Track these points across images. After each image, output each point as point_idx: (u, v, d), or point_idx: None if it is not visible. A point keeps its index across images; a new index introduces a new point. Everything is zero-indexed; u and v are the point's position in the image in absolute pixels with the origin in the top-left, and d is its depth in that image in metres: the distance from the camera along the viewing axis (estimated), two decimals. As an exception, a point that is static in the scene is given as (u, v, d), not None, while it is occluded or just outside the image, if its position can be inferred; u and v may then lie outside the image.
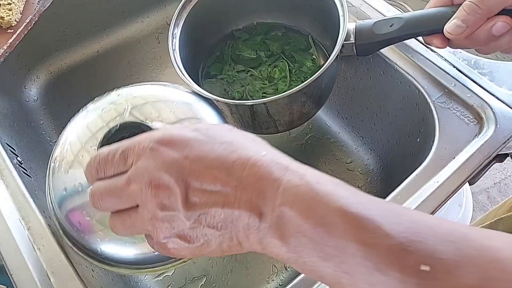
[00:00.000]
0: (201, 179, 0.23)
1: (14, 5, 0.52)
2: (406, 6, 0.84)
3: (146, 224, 0.25)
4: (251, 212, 0.23)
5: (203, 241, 0.24)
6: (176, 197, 0.23)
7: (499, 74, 0.49)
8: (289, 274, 0.57)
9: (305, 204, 0.22)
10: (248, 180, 0.23)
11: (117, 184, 0.25)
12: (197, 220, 0.24)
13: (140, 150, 0.24)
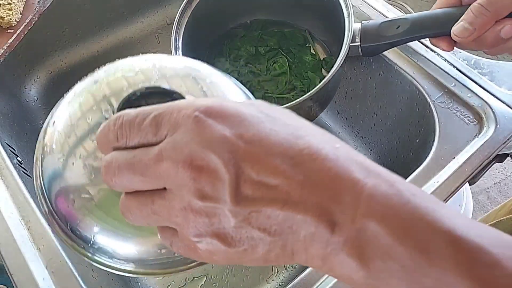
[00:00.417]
0: (258, 167, 0.18)
1: (14, 5, 0.52)
2: (406, 6, 0.84)
3: (174, 215, 0.19)
4: (320, 219, 0.18)
5: (247, 246, 0.19)
6: (223, 186, 0.18)
7: (499, 74, 0.49)
8: (289, 274, 0.57)
9: (400, 220, 0.17)
10: (319, 176, 0.18)
11: (143, 158, 0.19)
12: (246, 219, 0.18)
13: (180, 119, 0.18)
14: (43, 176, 0.28)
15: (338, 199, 0.18)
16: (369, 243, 0.17)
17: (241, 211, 0.18)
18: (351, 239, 0.18)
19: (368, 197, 0.18)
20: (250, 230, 0.19)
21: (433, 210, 0.18)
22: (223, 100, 0.20)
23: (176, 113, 0.19)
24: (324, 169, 0.18)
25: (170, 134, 0.19)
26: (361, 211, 0.17)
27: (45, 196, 0.28)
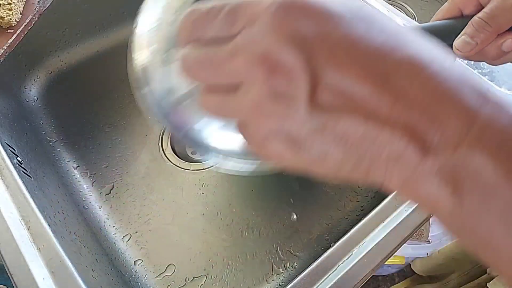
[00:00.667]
0: (343, 72, 0.16)
1: (14, 5, 0.52)
2: (406, 6, 0.84)
3: (244, 112, 0.18)
4: (412, 140, 0.16)
5: (317, 156, 0.17)
6: (299, 86, 0.16)
7: (499, 74, 0.49)
8: (289, 274, 0.57)
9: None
10: (419, 94, 0.15)
11: (217, 54, 0.18)
12: (320, 127, 0.16)
13: (259, 11, 0.17)
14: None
15: (441, 122, 0.15)
16: (470, 176, 0.15)
17: (316, 118, 0.16)
18: (449, 167, 0.16)
19: (481, 126, 0.15)
20: (323, 139, 0.17)
21: None
22: None
23: (255, 5, 0.17)
24: (426, 89, 0.15)
25: (246, 28, 0.17)
26: (470, 140, 0.15)
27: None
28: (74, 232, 0.49)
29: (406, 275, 1.14)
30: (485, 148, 0.15)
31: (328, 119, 0.16)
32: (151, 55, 0.28)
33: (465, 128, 0.15)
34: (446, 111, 0.15)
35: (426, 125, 0.16)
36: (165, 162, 0.65)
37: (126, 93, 0.71)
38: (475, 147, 0.15)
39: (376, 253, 0.40)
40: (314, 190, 0.63)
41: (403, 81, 0.15)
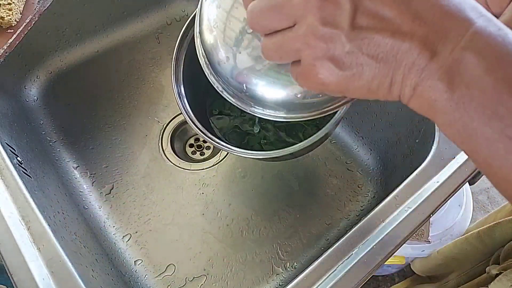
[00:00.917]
0: (375, 0, 0.20)
1: (14, 5, 0.52)
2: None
3: (299, 42, 0.22)
4: (423, 48, 0.20)
5: (355, 71, 0.22)
6: (343, 13, 0.20)
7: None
8: (289, 274, 0.57)
9: (497, 56, 0.19)
10: (431, 13, 0.20)
11: (278, 0, 0.22)
12: (358, 45, 0.21)
13: None
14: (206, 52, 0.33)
15: (444, 32, 0.20)
16: (460, 71, 0.20)
17: (355, 38, 0.21)
18: (446, 66, 0.20)
19: (472, 33, 0.19)
20: (361, 56, 0.21)
21: None
22: None
23: None
24: (437, 7, 0.20)
25: None
26: (462, 44, 0.19)
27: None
28: (74, 232, 0.49)
29: (406, 275, 1.14)
30: (473, 49, 0.19)
31: (365, 37, 0.21)
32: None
33: (461, 34, 0.20)
34: (449, 24, 0.20)
35: (433, 36, 0.20)
36: (165, 162, 0.65)
37: (126, 93, 0.71)
38: (466, 48, 0.19)
39: (376, 253, 0.40)
40: (314, 190, 0.63)
41: (419, 5, 0.20)
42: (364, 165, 0.65)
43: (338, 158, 0.66)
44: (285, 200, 0.62)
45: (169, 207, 0.61)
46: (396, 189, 0.44)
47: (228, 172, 0.65)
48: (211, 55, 0.33)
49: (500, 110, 0.19)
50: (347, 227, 0.61)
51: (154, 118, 0.69)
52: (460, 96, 0.20)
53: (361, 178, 0.64)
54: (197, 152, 0.68)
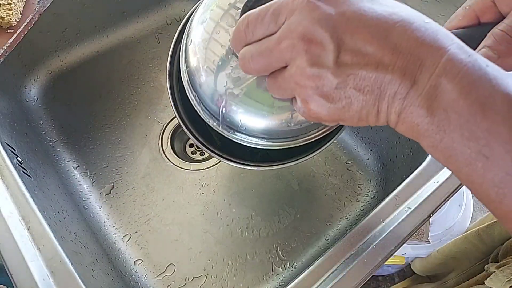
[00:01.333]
0: (356, 37, 0.22)
1: (14, 5, 0.52)
2: (406, 6, 0.84)
3: (291, 82, 0.24)
4: (403, 78, 0.22)
5: (345, 103, 0.24)
6: (328, 54, 0.22)
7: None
8: (289, 274, 0.57)
9: (468, 80, 0.21)
10: (408, 45, 0.22)
11: (269, 44, 0.24)
12: (345, 81, 0.23)
13: (294, 5, 0.23)
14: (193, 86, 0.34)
15: (421, 62, 0.22)
16: (438, 97, 0.21)
17: (342, 74, 0.23)
18: (425, 93, 0.21)
19: (446, 61, 0.21)
20: (348, 90, 0.23)
21: (501, 77, 0.21)
22: None
23: (290, 3, 0.23)
24: (413, 38, 0.22)
25: (288, 17, 0.23)
26: (437, 72, 0.21)
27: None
28: (74, 232, 0.49)
29: (406, 275, 1.14)
30: (448, 76, 0.21)
31: (350, 73, 0.22)
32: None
33: (436, 63, 0.21)
34: (425, 53, 0.21)
35: (412, 66, 0.22)
36: (165, 162, 0.65)
37: (126, 93, 0.71)
38: (441, 75, 0.21)
39: (376, 253, 0.40)
40: (314, 190, 0.63)
41: (396, 38, 0.22)
42: (364, 165, 0.65)
43: (338, 158, 0.66)
44: (285, 200, 0.62)
45: (169, 207, 0.61)
46: (396, 189, 0.44)
47: (228, 172, 0.65)
48: (193, 76, 0.34)
49: (476, 131, 0.21)
50: (347, 227, 0.61)
51: (154, 118, 0.69)
52: (440, 120, 0.21)
53: (361, 178, 0.64)
54: (197, 152, 0.68)
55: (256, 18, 0.25)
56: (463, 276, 0.83)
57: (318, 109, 0.25)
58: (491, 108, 0.20)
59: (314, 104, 0.24)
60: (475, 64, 0.21)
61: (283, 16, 0.24)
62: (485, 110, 0.20)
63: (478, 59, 0.21)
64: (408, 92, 0.22)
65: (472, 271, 0.80)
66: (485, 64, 0.21)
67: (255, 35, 0.25)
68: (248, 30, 0.25)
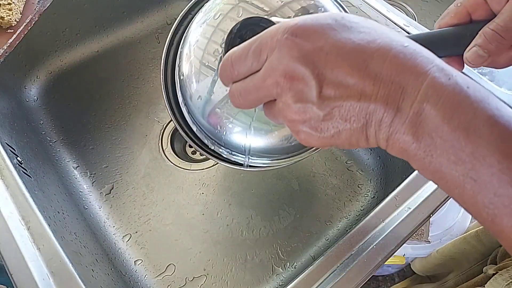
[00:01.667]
0: (337, 71, 0.22)
1: (14, 5, 0.52)
2: (406, 6, 0.84)
3: (280, 116, 0.26)
4: (387, 107, 0.22)
5: (333, 132, 0.24)
6: (311, 89, 0.23)
7: (499, 74, 0.49)
8: (289, 274, 0.57)
9: (450, 105, 0.21)
10: (388, 73, 0.22)
11: (254, 82, 0.25)
12: (331, 113, 0.23)
13: (273, 44, 0.24)
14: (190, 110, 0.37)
15: (403, 90, 0.22)
16: (422, 123, 0.21)
17: (327, 107, 0.23)
18: (409, 120, 0.22)
19: (427, 86, 0.21)
20: (335, 121, 0.24)
21: (482, 99, 0.21)
22: (306, 18, 0.24)
23: (270, 41, 0.24)
24: (392, 66, 0.22)
25: (269, 55, 0.24)
26: (419, 98, 0.21)
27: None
28: (74, 232, 0.49)
29: (406, 275, 1.14)
30: (429, 102, 0.21)
31: (335, 106, 0.23)
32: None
33: (417, 89, 0.21)
34: (405, 80, 0.22)
35: (394, 94, 0.22)
36: (165, 162, 0.65)
37: (126, 93, 0.71)
38: (423, 102, 0.21)
39: (376, 253, 0.40)
40: (314, 190, 0.63)
41: (376, 67, 0.22)
42: (364, 165, 0.65)
43: (338, 158, 0.66)
44: (285, 200, 0.62)
45: (169, 207, 0.61)
46: (396, 189, 0.44)
47: (228, 172, 0.64)
48: (185, 85, 0.35)
49: (461, 155, 0.21)
50: (347, 227, 0.61)
51: (154, 118, 0.69)
52: (426, 145, 0.22)
53: (361, 178, 0.64)
54: (197, 152, 0.68)
55: (239, 57, 0.25)
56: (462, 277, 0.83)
57: (308, 140, 0.25)
58: (474, 132, 0.21)
59: (303, 135, 0.25)
60: (455, 88, 0.21)
61: (264, 54, 0.24)
62: (468, 134, 0.21)
63: (458, 81, 0.21)
64: (393, 120, 0.22)
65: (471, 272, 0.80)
66: (466, 86, 0.21)
67: (240, 73, 0.26)
68: (233, 69, 0.26)
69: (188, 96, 0.36)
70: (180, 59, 0.37)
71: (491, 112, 0.21)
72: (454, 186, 0.22)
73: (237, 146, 0.37)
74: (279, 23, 0.25)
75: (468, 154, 0.21)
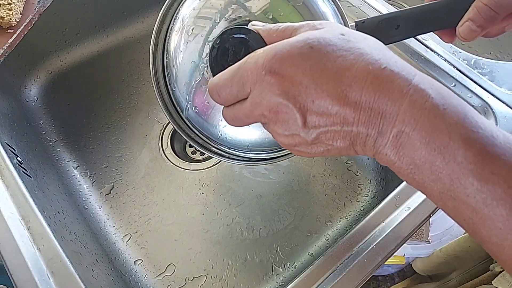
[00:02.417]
0: (318, 102, 0.24)
1: (14, 5, 0.52)
2: (406, 6, 0.84)
3: (277, 136, 0.27)
4: (369, 130, 0.24)
5: (323, 150, 0.26)
6: (296, 120, 0.25)
7: (499, 74, 0.49)
8: (289, 274, 0.57)
9: (426, 130, 0.22)
10: (367, 100, 0.23)
11: (244, 112, 0.27)
12: (318, 137, 0.25)
13: (254, 78, 0.25)
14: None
15: (381, 115, 0.23)
16: (402, 145, 0.23)
17: (312, 133, 0.25)
18: (390, 142, 0.23)
19: (403, 112, 0.22)
20: (322, 143, 0.26)
21: (457, 121, 0.22)
22: (282, 49, 0.24)
23: (250, 74, 0.25)
24: (370, 93, 0.23)
25: (253, 89, 0.25)
26: (397, 123, 0.23)
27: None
28: (74, 232, 0.49)
29: (406, 275, 1.14)
30: (407, 126, 0.22)
31: (320, 132, 0.25)
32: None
33: (395, 114, 0.23)
34: (384, 105, 0.23)
35: (374, 119, 0.23)
36: (165, 162, 0.65)
37: (126, 93, 0.71)
38: (401, 126, 0.23)
39: (376, 253, 0.40)
40: (314, 190, 0.63)
41: (355, 95, 0.23)
42: (364, 165, 0.65)
43: (338, 158, 0.66)
44: (285, 200, 0.62)
45: (169, 207, 0.61)
46: (396, 189, 0.44)
47: (228, 172, 0.64)
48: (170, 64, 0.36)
49: (440, 175, 0.22)
50: (347, 227, 0.60)
51: (154, 118, 0.69)
52: (408, 164, 0.23)
53: (361, 178, 0.64)
54: (197, 152, 0.68)
55: (223, 88, 0.27)
56: (466, 276, 0.83)
57: (302, 154, 0.28)
58: (449, 156, 0.22)
59: (296, 151, 0.28)
60: (431, 111, 0.22)
61: (247, 87, 0.26)
62: (444, 157, 0.22)
63: (435, 102, 0.22)
64: (376, 141, 0.24)
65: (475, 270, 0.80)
66: (442, 107, 0.22)
67: (228, 100, 0.27)
68: (219, 98, 0.28)
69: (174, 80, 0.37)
70: (169, 35, 0.39)
71: (465, 136, 0.22)
72: (438, 199, 0.23)
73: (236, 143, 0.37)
74: (257, 55, 0.25)
75: (445, 175, 0.22)
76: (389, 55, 0.24)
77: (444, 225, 0.89)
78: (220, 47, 0.30)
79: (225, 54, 0.29)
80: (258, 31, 0.28)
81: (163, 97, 0.39)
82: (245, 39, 0.29)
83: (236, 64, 0.26)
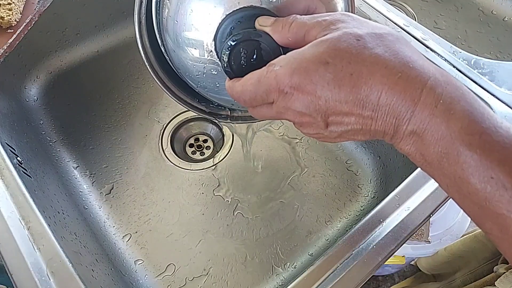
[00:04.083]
0: (337, 113, 0.27)
1: (14, 5, 0.53)
2: (406, 6, 0.84)
3: (308, 130, 0.30)
4: (386, 131, 0.27)
5: (344, 140, 0.30)
6: (319, 125, 0.28)
7: (499, 74, 0.49)
8: (289, 274, 0.57)
9: (433, 134, 0.25)
10: (383, 108, 0.26)
11: (271, 115, 0.30)
12: (340, 135, 0.29)
13: (276, 94, 0.28)
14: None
15: (396, 119, 0.25)
16: (414, 144, 0.26)
17: (335, 133, 0.28)
18: (403, 141, 0.26)
19: (414, 117, 0.25)
20: (343, 137, 0.29)
21: (461, 128, 0.24)
22: (299, 68, 0.26)
23: (273, 90, 0.28)
24: (386, 102, 0.25)
25: (276, 100, 0.28)
26: (409, 127, 0.25)
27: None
28: (74, 232, 0.49)
29: (406, 275, 1.14)
30: (416, 130, 0.25)
31: (342, 131, 0.28)
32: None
33: (408, 118, 0.25)
34: (398, 111, 0.25)
35: (389, 123, 0.26)
36: (165, 162, 0.65)
37: (126, 93, 0.71)
38: (413, 124, 0.25)
39: (376, 253, 0.40)
40: (314, 190, 0.63)
41: (372, 104, 0.25)
42: (364, 165, 0.65)
43: (337, 157, 0.66)
44: (285, 200, 0.62)
45: (169, 207, 0.61)
46: (396, 189, 0.44)
47: (228, 172, 0.64)
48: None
49: (446, 172, 0.25)
50: (347, 227, 0.60)
51: (154, 118, 0.69)
52: (420, 158, 0.26)
53: (361, 178, 0.64)
54: (197, 152, 0.68)
55: (248, 97, 0.29)
56: (470, 276, 0.82)
57: (326, 142, 0.32)
58: (453, 159, 0.24)
59: (322, 140, 0.31)
60: (438, 117, 0.24)
61: (271, 98, 0.28)
62: (449, 160, 0.24)
63: (444, 108, 0.24)
64: (392, 138, 0.27)
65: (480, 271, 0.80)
66: (450, 111, 0.24)
67: (254, 106, 0.31)
68: (245, 103, 0.30)
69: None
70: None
71: (467, 142, 0.24)
72: (445, 190, 0.26)
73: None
74: (275, 71, 0.27)
75: (450, 172, 0.25)
76: (406, 58, 0.25)
77: (444, 225, 0.89)
78: (232, 51, 0.30)
79: (238, 57, 0.30)
80: (267, 32, 0.30)
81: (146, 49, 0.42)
82: (256, 41, 0.30)
83: (255, 76, 0.28)
